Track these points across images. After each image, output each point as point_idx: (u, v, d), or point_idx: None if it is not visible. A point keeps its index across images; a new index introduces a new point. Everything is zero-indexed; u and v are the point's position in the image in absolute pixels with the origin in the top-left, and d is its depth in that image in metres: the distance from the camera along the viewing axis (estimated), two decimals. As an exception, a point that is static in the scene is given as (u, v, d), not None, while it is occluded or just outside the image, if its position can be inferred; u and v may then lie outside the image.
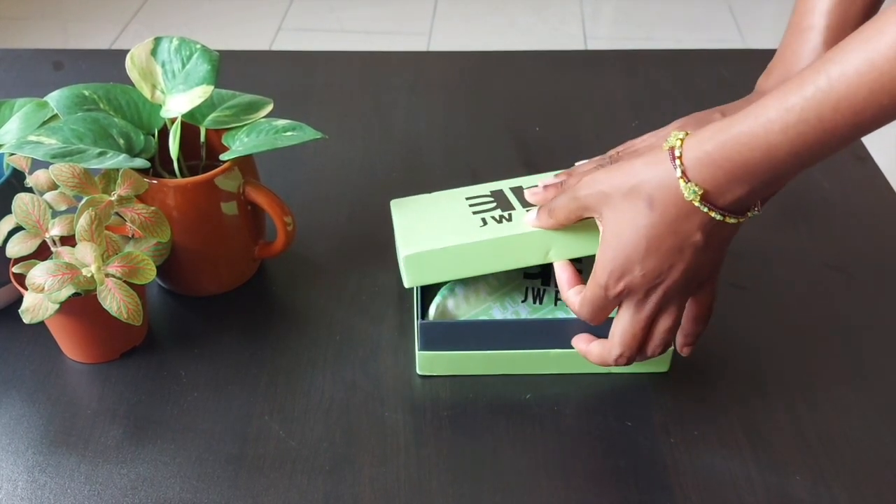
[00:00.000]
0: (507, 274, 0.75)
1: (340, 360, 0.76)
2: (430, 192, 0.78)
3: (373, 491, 0.66)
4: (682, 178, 0.56)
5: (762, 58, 1.21)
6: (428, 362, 0.73)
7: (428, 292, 0.76)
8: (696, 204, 0.57)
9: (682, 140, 0.57)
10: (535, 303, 0.75)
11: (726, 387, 0.74)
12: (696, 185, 0.56)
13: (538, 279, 0.75)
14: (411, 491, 0.66)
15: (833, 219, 0.92)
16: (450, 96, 1.09)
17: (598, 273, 0.63)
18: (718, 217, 0.58)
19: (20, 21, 2.72)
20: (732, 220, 0.59)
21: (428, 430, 0.70)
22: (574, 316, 0.70)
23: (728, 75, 1.14)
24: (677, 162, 0.56)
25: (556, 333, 0.72)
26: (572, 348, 0.72)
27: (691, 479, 0.67)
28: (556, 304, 0.75)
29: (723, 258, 0.64)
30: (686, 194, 0.57)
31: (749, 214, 0.60)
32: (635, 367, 0.73)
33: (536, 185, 0.70)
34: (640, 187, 0.59)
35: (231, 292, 0.82)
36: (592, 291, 0.64)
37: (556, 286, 0.74)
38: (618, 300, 0.64)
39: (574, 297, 0.67)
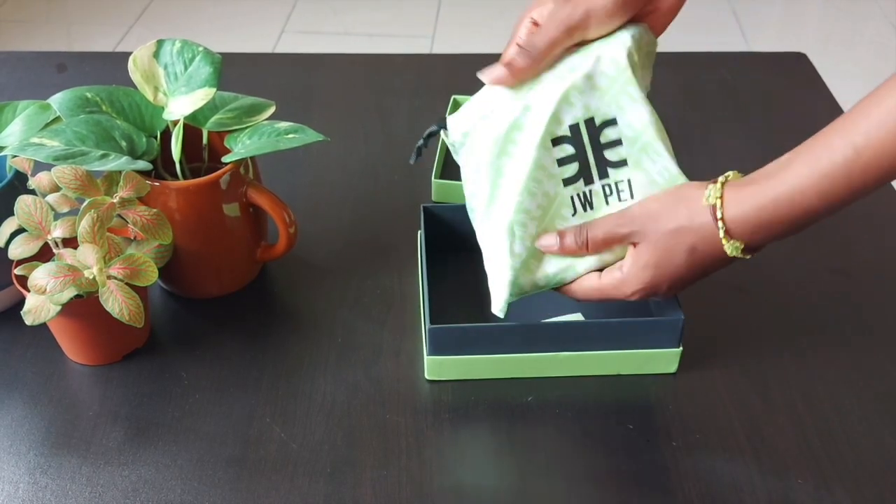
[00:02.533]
0: (545, 195, 0.68)
1: (342, 362, 0.76)
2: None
3: (374, 493, 0.66)
4: (724, 237, 0.62)
5: (765, 61, 1.21)
6: (436, 367, 0.73)
7: (436, 297, 0.75)
8: (737, 255, 0.63)
9: (720, 196, 0.62)
10: (585, 210, 0.69)
11: (728, 390, 0.74)
12: (738, 241, 0.63)
13: (579, 180, 0.68)
14: (413, 493, 0.66)
15: (835, 221, 0.91)
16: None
17: (629, 283, 0.67)
18: (744, 258, 0.64)
19: (24, 24, 2.73)
20: (748, 257, 0.64)
21: (429, 433, 0.70)
22: (598, 186, 0.69)
23: (731, 78, 1.14)
24: (720, 223, 0.62)
25: (566, 336, 0.72)
26: (582, 350, 0.72)
27: (693, 482, 0.67)
28: (607, 203, 0.69)
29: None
30: (728, 251, 0.63)
31: None
32: (644, 368, 0.73)
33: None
34: (683, 234, 0.64)
35: (233, 294, 0.82)
36: (613, 291, 0.68)
37: (600, 179, 0.69)
38: (610, 235, 0.67)
39: (589, 282, 0.69)
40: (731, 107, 1.09)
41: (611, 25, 0.67)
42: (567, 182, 0.68)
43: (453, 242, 0.81)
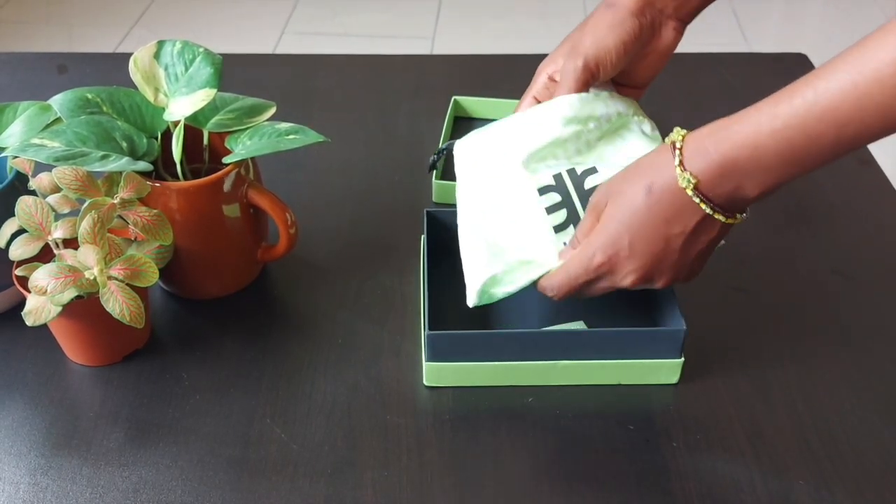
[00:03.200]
0: (533, 244, 0.71)
1: (342, 363, 0.76)
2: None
3: (374, 494, 0.66)
4: (679, 166, 0.61)
5: (765, 61, 1.21)
6: (435, 373, 0.73)
7: (434, 301, 0.75)
8: (689, 192, 0.61)
9: (683, 135, 0.62)
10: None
11: (728, 391, 0.74)
12: (691, 174, 0.61)
13: (569, 226, 0.71)
14: (413, 494, 0.66)
15: (836, 222, 0.92)
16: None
17: (589, 243, 0.66)
18: (709, 211, 0.62)
19: (25, 25, 2.73)
20: (720, 218, 0.63)
21: (430, 434, 0.70)
22: (584, 328, 0.73)
23: (731, 79, 1.14)
24: (677, 152, 0.61)
25: (566, 345, 0.72)
26: (581, 360, 0.72)
27: (693, 483, 0.67)
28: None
29: (702, 266, 0.68)
30: (680, 182, 0.61)
31: (738, 216, 0.64)
32: (645, 378, 0.73)
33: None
34: (641, 173, 0.64)
35: (233, 295, 0.82)
36: (576, 261, 0.67)
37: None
38: (595, 274, 0.67)
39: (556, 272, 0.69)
40: (731, 107, 1.09)
41: (616, 69, 0.73)
42: (557, 229, 0.71)
43: (455, 247, 0.81)
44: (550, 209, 0.71)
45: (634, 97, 0.77)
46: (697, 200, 0.61)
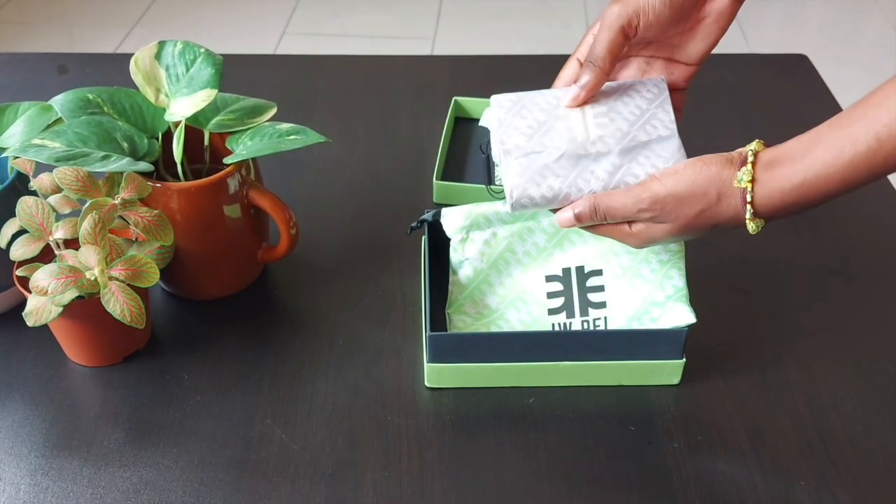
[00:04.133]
0: (529, 313, 0.76)
1: (343, 363, 0.76)
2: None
3: (375, 495, 0.66)
4: (750, 218, 0.63)
5: (766, 62, 1.21)
6: (436, 374, 0.73)
7: (435, 302, 0.75)
8: (753, 230, 0.64)
9: (752, 183, 0.63)
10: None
11: (729, 392, 0.74)
12: (761, 220, 0.64)
13: (562, 312, 0.75)
14: (414, 495, 0.66)
15: (837, 223, 0.92)
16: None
17: (636, 240, 0.67)
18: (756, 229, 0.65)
19: (26, 25, 2.73)
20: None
21: (431, 435, 0.70)
22: (582, 329, 0.73)
23: (732, 79, 1.14)
24: (748, 207, 0.63)
25: (567, 346, 0.72)
26: (583, 360, 0.72)
27: (694, 484, 0.67)
28: None
29: None
30: (751, 230, 0.64)
31: None
32: (647, 379, 0.73)
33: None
34: (708, 215, 0.64)
35: (234, 296, 0.82)
36: (617, 237, 0.68)
37: (580, 316, 0.76)
38: (629, 218, 0.66)
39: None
40: (731, 108, 1.09)
41: (658, 25, 0.68)
42: (551, 312, 0.75)
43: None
44: (551, 294, 0.76)
45: (687, 75, 0.73)
46: (754, 227, 0.64)
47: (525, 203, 0.67)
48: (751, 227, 0.63)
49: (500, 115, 0.69)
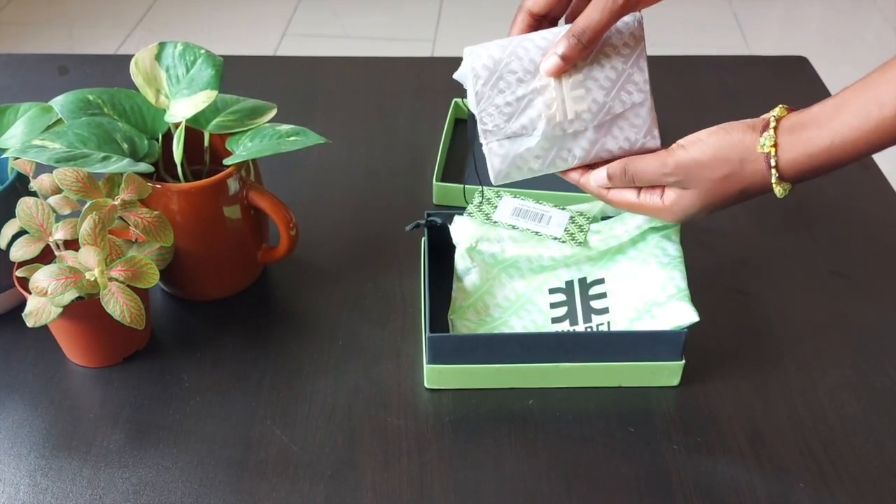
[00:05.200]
0: (533, 322, 0.77)
1: (343, 364, 0.76)
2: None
3: (375, 496, 0.66)
4: (776, 181, 0.64)
5: (765, 64, 1.21)
6: (435, 375, 0.73)
7: (435, 303, 0.75)
8: (780, 193, 0.65)
9: (775, 147, 0.63)
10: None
11: (729, 393, 0.74)
12: (788, 184, 0.64)
13: (565, 321, 0.76)
14: (413, 496, 0.66)
15: (836, 224, 0.92)
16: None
17: (668, 214, 0.68)
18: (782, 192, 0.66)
19: (26, 26, 2.73)
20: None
21: (430, 436, 0.70)
22: (582, 328, 0.73)
23: (731, 81, 1.14)
24: (774, 171, 0.63)
25: (567, 347, 0.72)
26: (583, 362, 0.72)
27: (693, 485, 0.67)
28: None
29: None
30: (778, 193, 0.65)
31: None
32: (647, 381, 0.73)
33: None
34: (735, 180, 0.65)
35: (234, 297, 0.82)
36: (649, 212, 0.69)
37: (584, 323, 0.76)
38: (655, 181, 0.67)
39: (625, 196, 0.70)
40: (731, 110, 1.09)
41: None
42: (555, 321, 0.76)
43: (454, 250, 0.81)
44: (554, 304, 0.76)
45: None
46: (780, 191, 0.65)
47: (506, 181, 0.70)
48: (777, 190, 0.64)
49: (477, 87, 0.68)
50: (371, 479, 0.67)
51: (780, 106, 0.65)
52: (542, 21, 0.70)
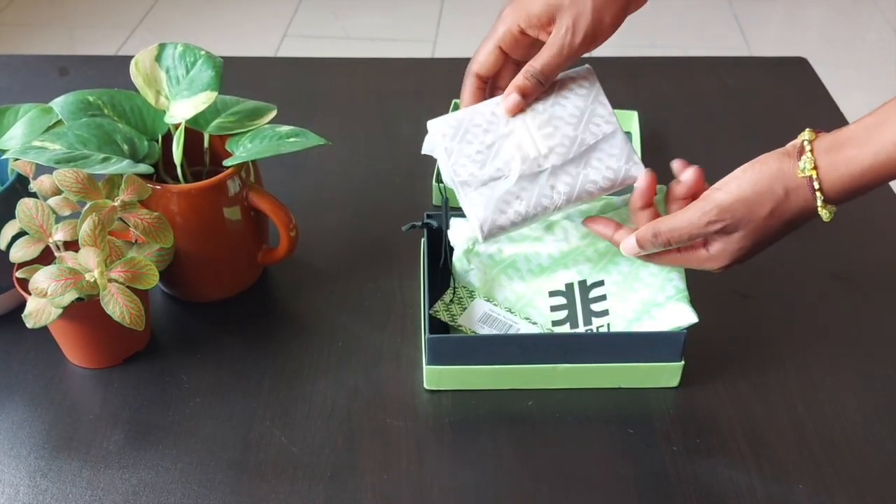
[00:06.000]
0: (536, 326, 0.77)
1: (342, 366, 0.76)
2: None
3: (374, 497, 0.66)
4: (822, 205, 0.62)
5: (766, 65, 1.21)
6: (435, 377, 0.73)
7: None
8: (826, 217, 0.63)
9: (816, 170, 0.61)
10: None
11: (729, 395, 0.74)
12: (835, 207, 0.63)
13: (566, 324, 0.76)
14: (413, 497, 0.66)
15: (836, 227, 0.91)
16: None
17: (717, 261, 0.65)
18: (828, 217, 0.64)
19: (27, 27, 2.73)
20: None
21: (430, 437, 0.70)
22: (582, 331, 0.73)
23: (731, 82, 1.14)
24: (818, 194, 0.62)
25: (566, 348, 0.72)
26: (582, 363, 0.72)
27: (693, 487, 0.67)
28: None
29: None
30: (825, 217, 0.63)
31: None
32: (646, 382, 0.73)
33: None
34: (780, 212, 0.63)
35: (234, 298, 0.82)
36: (695, 264, 0.67)
37: (584, 326, 0.76)
38: (698, 235, 0.65)
39: (670, 254, 0.67)
40: (731, 111, 1.09)
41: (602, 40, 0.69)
42: (555, 324, 0.76)
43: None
44: (554, 308, 0.76)
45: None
46: (827, 215, 0.63)
47: (496, 233, 0.69)
48: (824, 214, 0.62)
49: (445, 144, 0.70)
50: (370, 481, 0.67)
51: (807, 129, 0.63)
52: (491, 86, 0.72)
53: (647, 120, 1.06)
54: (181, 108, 0.75)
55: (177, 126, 0.76)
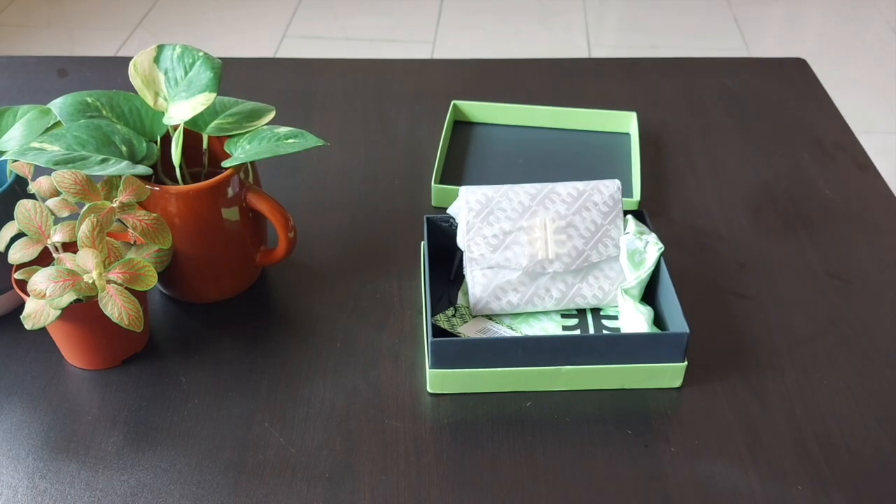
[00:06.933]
0: (543, 329, 0.78)
1: (341, 367, 0.76)
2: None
3: (373, 498, 0.66)
4: None
5: (765, 67, 1.21)
6: (438, 380, 0.73)
7: (435, 306, 0.75)
8: None
9: None
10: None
11: (727, 396, 0.74)
12: None
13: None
14: (411, 499, 0.66)
15: (835, 227, 0.92)
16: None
17: None
18: None
19: (26, 28, 2.73)
20: None
21: (428, 438, 0.70)
22: (579, 333, 0.73)
23: (731, 84, 1.14)
24: None
25: (569, 350, 0.72)
26: (585, 364, 0.72)
27: (692, 488, 0.67)
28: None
29: None
30: None
31: None
32: (649, 382, 0.73)
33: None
34: None
35: (232, 299, 0.82)
36: None
37: None
38: None
39: None
40: (731, 111, 1.09)
41: None
42: (566, 330, 0.78)
43: (454, 251, 0.81)
44: (567, 327, 0.78)
45: None
46: None
47: (485, 312, 0.77)
48: None
49: (469, 218, 0.76)
50: (369, 482, 0.67)
51: None
52: None
53: (647, 120, 1.07)
54: (180, 110, 0.75)
55: (175, 127, 0.76)
